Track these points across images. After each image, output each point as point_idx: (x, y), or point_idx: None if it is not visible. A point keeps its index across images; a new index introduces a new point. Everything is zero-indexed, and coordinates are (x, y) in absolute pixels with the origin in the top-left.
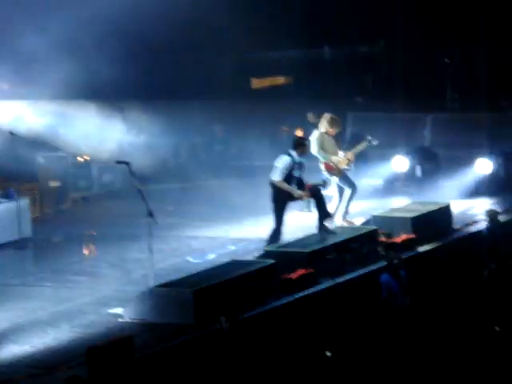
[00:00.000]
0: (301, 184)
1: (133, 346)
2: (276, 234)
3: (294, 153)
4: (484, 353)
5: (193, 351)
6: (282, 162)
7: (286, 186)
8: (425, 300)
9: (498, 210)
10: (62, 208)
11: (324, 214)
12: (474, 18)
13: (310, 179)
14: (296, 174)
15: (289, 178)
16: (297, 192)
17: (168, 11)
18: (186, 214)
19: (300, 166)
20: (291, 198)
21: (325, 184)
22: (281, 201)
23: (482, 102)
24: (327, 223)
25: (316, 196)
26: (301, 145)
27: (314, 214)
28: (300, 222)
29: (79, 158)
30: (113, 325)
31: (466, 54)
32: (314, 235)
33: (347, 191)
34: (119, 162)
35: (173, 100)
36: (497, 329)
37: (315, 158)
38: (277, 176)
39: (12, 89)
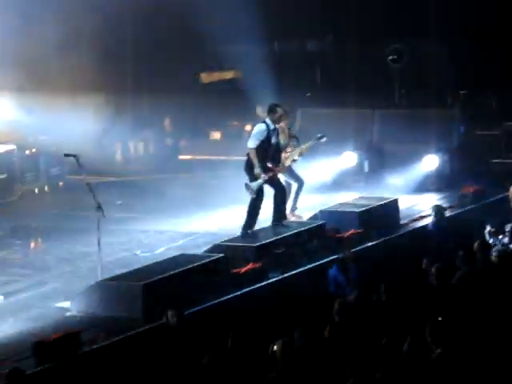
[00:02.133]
0: (278, 151)
1: (80, 340)
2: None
3: (268, 120)
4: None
5: (140, 346)
6: (257, 129)
7: (254, 157)
8: (372, 294)
9: (444, 205)
10: (9, 201)
11: (281, 209)
12: (423, 15)
13: None
14: (273, 140)
15: (267, 145)
16: (258, 170)
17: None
18: (134, 208)
19: (276, 132)
20: (265, 167)
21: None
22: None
23: (430, 98)
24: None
25: (278, 189)
26: (272, 111)
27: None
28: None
29: (27, 151)
30: (60, 318)
31: (414, 51)
32: (263, 229)
33: (294, 185)
34: (67, 155)
35: (122, 93)
36: (439, 319)
37: None
38: (251, 143)
39: None
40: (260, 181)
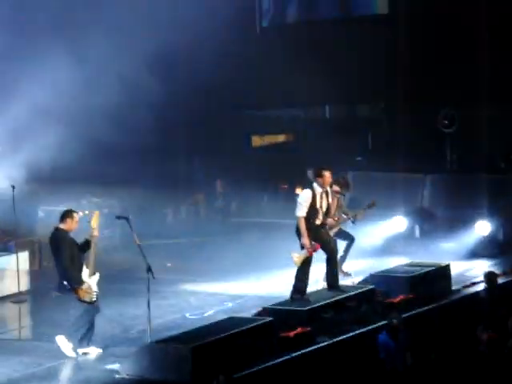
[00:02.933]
0: (327, 213)
1: None
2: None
3: (314, 184)
4: None
5: None
6: (303, 196)
7: (302, 226)
8: (423, 361)
9: (497, 272)
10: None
11: (334, 273)
12: (475, 80)
13: None
14: (319, 204)
15: (315, 209)
16: (305, 240)
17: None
18: (184, 270)
19: (325, 195)
20: (316, 232)
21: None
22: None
23: (482, 163)
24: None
25: (329, 253)
26: (319, 176)
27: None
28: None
29: (80, 212)
30: (109, 381)
31: (465, 115)
32: (312, 292)
33: (343, 243)
34: (119, 217)
35: (174, 155)
36: None
37: None
38: (298, 211)
39: None
40: (304, 251)
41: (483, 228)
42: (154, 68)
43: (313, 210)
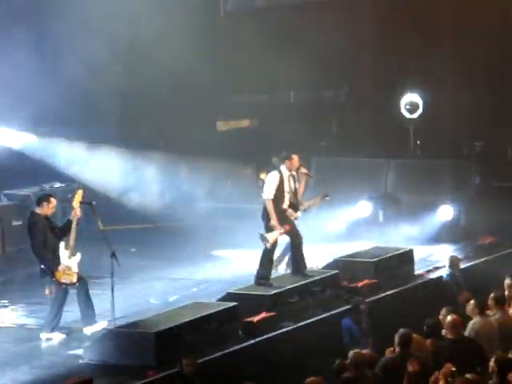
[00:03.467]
0: (295, 196)
1: None
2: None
3: (282, 167)
4: None
5: None
6: (270, 178)
7: (270, 208)
8: (386, 345)
9: (459, 256)
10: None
11: (299, 258)
12: (438, 67)
13: None
14: (287, 188)
15: (283, 192)
16: (275, 222)
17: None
18: (149, 256)
19: (292, 178)
20: (282, 216)
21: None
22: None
23: (445, 148)
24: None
25: (295, 237)
26: (287, 158)
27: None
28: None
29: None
30: (73, 366)
31: (429, 101)
32: (276, 278)
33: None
34: (83, 203)
35: (136, 140)
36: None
37: None
38: (266, 193)
39: None
40: (276, 232)
41: (446, 213)
42: (119, 55)
43: (280, 193)
